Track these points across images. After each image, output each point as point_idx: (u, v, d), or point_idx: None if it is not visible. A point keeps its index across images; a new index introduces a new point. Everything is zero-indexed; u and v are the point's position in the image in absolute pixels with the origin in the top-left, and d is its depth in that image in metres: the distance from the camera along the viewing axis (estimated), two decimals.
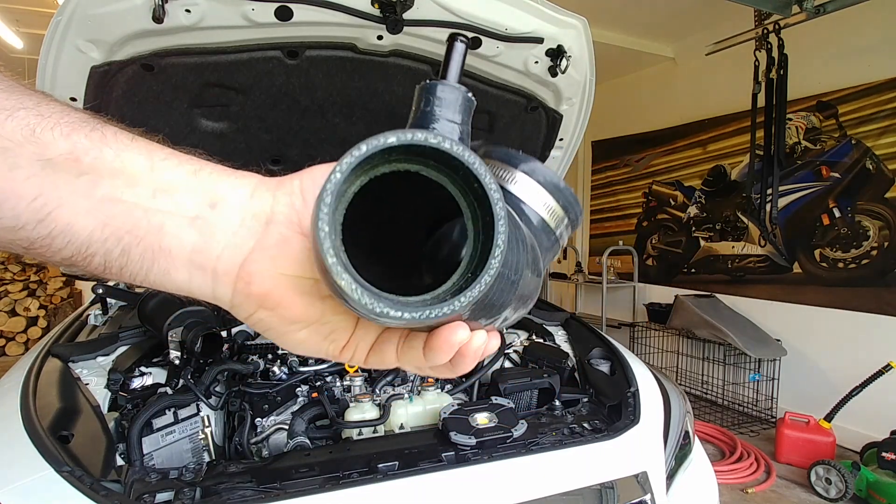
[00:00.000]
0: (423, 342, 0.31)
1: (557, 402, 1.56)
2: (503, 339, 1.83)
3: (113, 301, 2.03)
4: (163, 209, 0.31)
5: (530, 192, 0.36)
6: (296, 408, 1.50)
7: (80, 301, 5.79)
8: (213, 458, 1.38)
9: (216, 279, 0.32)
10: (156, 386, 1.47)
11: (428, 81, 0.33)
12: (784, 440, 3.23)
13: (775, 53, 3.36)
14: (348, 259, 0.26)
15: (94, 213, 0.30)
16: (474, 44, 1.62)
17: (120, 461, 1.21)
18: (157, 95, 1.57)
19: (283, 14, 1.41)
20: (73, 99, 1.49)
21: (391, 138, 0.24)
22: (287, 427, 1.43)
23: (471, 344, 0.30)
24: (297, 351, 0.34)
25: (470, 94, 0.34)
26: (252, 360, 1.61)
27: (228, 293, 0.32)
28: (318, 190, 0.32)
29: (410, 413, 1.48)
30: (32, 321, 5.41)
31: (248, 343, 1.75)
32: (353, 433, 1.40)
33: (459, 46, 0.34)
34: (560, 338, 2.02)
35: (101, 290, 1.91)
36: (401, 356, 0.33)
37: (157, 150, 0.33)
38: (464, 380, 1.68)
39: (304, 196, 0.32)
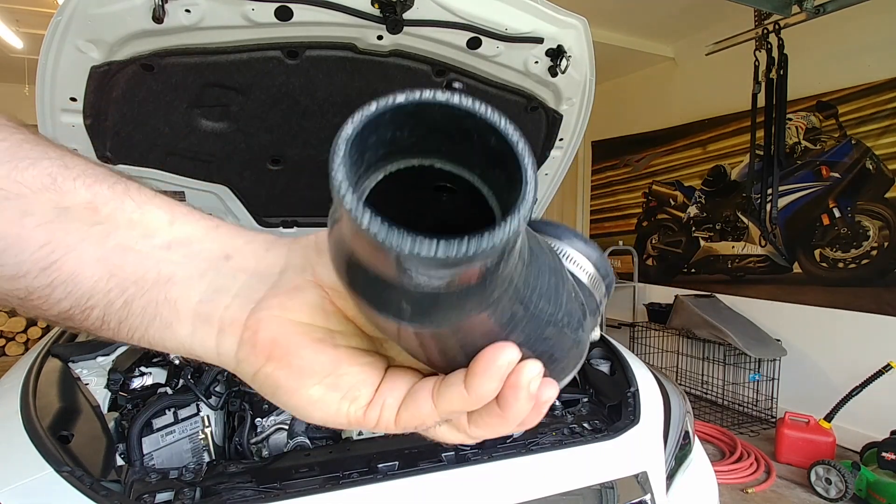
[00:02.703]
0: (462, 378, 0.27)
1: (557, 402, 1.57)
2: None
3: None
4: (175, 260, 0.30)
5: (575, 260, 0.36)
6: None
7: None
8: (213, 458, 1.38)
9: (222, 331, 0.30)
10: (156, 386, 1.47)
11: None
12: (784, 440, 3.23)
13: (775, 53, 3.36)
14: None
15: (103, 261, 0.29)
16: (474, 44, 1.62)
17: (120, 461, 1.21)
18: (157, 95, 1.57)
19: (283, 14, 1.41)
20: (73, 99, 1.49)
21: (399, 98, 0.22)
22: (287, 427, 1.43)
23: (522, 373, 0.26)
24: (313, 416, 0.30)
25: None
26: None
27: (234, 346, 0.30)
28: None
29: None
30: (32, 321, 5.40)
31: None
32: (353, 433, 1.40)
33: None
34: None
35: None
36: (439, 399, 0.27)
37: (178, 207, 0.32)
38: None
39: (318, 248, 0.30)
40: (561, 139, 2.13)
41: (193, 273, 0.30)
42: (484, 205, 0.25)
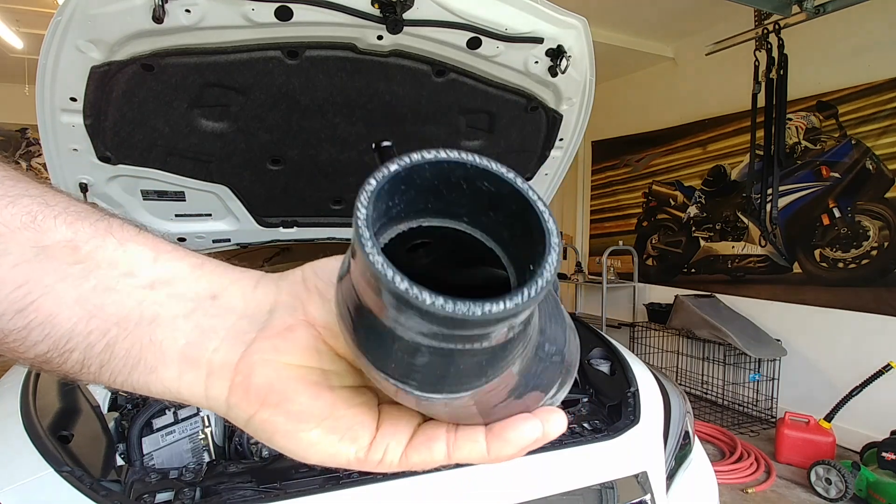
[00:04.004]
0: (482, 436, 0.27)
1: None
2: None
3: None
4: (159, 300, 0.29)
5: None
6: None
7: None
8: (213, 458, 1.38)
9: (210, 376, 0.29)
10: None
11: None
12: (784, 440, 3.23)
13: (775, 53, 3.36)
14: None
15: (82, 302, 0.28)
16: (474, 44, 1.62)
17: (120, 461, 1.21)
18: (157, 95, 1.57)
19: (283, 14, 1.41)
20: (73, 99, 1.49)
21: (428, 155, 0.22)
22: None
23: (547, 434, 0.27)
24: (311, 459, 0.29)
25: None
26: None
27: (224, 391, 0.29)
28: (319, 280, 0.30)
29: None
30: None
31: None
32: None
33: (385, 145, 0.35)
34: None
35: None
36: (457, 451, 0.28)
37: (163, 244, 0.31)
38: None
39: (307, 285, 0.30)
40: (561, 139, 2.13)
41: (179, 313, 0.29)
42: (473, 249, 0.25)
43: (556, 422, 0.27)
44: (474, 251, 0.25)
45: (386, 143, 0.36)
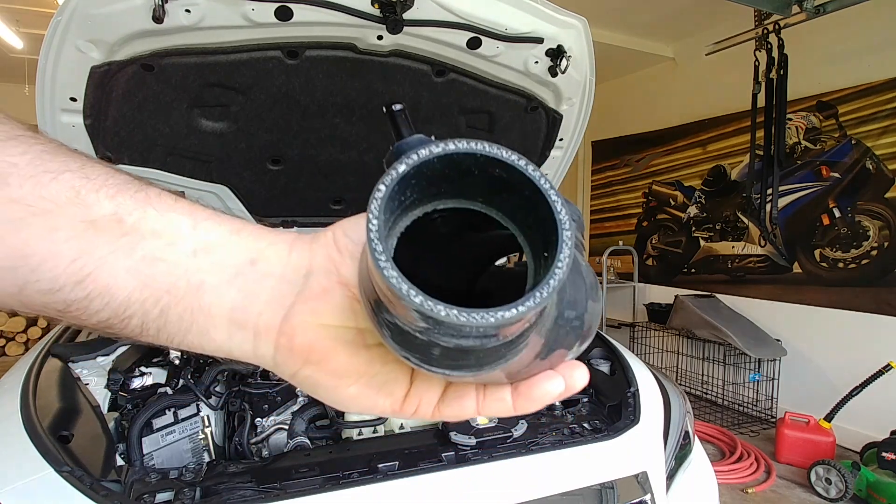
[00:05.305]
0: (509, 394, 0.30)
1: (557, 403, 1.56)
2: None
3: None
4: (203, 268, 0.31)
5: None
6: (296, 408, 1.50)
7: None
8: (213, 458, 1.38)
9: (257, 337, 0.31)
10: (156, 386, 1.47)
11: (392, 147, 0.32)
12: (784, 440, 3.23)
13: (775, 53, 3.36)
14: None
15: (134, 273, 0.30)
16: (474, 44, 1.62)
17: (120, 461, 1.21)
18: (157, 95, 1.57)
19: (283, 14, 1.41)
20: (73, 99, 1.49)
21: (436, 148, 0.22)
22: (287, 427, 1.43)
23: (570, 388, 0.29)
24: (351, 409, 0.32)
25: (433, 137, 0.31)
26: None
27: (270, 350, 0.31)
28: (350, 241, 0.31)
29: None
30: (32, 321, 5.40)
31: None
32: (354, 433, 1.40)
33: (397, 109, 0.35)
34: None
35: None
36: (486, 408, 0.30)
37: (200, 211, 0.33)
38: None
39: (338, 246, 0.31)
40: (561, 139, 2.13)
41: (222, 280, 0.31)
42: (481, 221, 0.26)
43: (579, 377, 0.29)
44: (489, 220, 0.26)
45: (397, 107, 0.36)
